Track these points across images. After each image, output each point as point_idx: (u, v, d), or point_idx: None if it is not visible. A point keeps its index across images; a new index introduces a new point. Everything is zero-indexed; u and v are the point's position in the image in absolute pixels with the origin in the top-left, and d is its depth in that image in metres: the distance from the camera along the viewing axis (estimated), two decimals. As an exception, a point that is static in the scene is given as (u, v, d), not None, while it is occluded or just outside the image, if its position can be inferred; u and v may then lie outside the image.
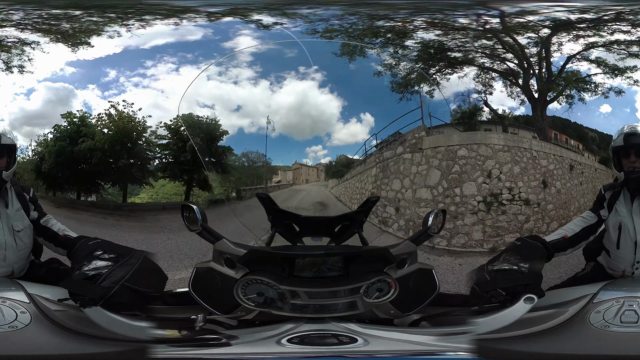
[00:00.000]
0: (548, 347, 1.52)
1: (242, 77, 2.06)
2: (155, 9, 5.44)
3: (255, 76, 2.05)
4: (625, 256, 2.08)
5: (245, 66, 2.02)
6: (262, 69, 2.05)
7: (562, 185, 4.78)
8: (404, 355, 1.52)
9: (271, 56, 2.04)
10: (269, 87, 2.08)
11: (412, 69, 1.99)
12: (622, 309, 1.56)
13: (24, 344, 1.49)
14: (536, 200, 4.48)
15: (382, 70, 2.01)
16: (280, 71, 2.04)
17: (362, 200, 2.07)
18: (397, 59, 2.00)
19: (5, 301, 1.57)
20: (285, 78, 2.06)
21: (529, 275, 1.63)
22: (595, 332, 1.54)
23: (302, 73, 2.00)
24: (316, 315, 1.62)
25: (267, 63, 2.03)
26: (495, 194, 4.31)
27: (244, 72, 2.05)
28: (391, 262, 1.72)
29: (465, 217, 4.25)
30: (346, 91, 2.09)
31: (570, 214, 4.70)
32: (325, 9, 4.63)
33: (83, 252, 1.76)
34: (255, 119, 2.14)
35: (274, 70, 2.04)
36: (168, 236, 4.22)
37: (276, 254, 1.76)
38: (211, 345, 1.50)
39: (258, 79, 2.06)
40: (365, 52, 2.07)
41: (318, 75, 2.02)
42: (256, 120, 2.13)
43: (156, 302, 1.81)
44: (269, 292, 1.61)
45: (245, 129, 2.13)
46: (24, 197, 2.16)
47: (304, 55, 1.90)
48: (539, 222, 4.47)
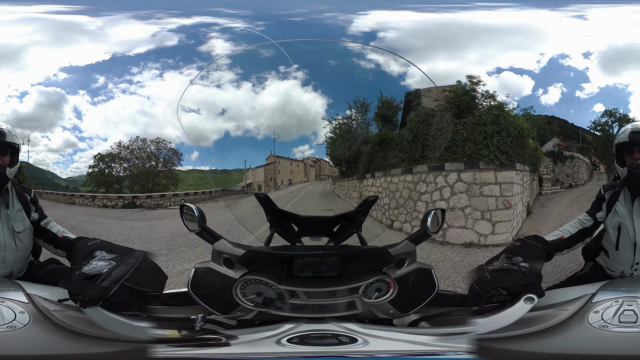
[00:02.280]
0: (547, 347, 1.52)
1: (226, 81, 2.07)
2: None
3: (238, 79, 2.05)
4: (624, 257, 2.09)
5: (226, 69, 2.03)
6: (244, 72, 2.05)
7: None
8: (404, 355, 1.52)
9: (250, 59, 2.03)
10: (252, 89, 2.07)
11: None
12: (620, 309, 1.57)
13: (23, 344, 1.49)
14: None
15: (364, 64, 1.99)
16: (262, 72, 2.04)
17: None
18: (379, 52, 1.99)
19: (4, 301, 1.57)
20: (266, 79, 2.06)
21: (529, 275, 1.63)
22: (594, 332, 1.54)
23: (283, 73, 2.01)
24: (315, 315, 1.62)
25: (249, 66, 2.02)
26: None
27: (229, 76, 2.05)
28: (390, 261, 1.72)
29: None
30: (330, 88, 2.10)
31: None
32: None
33: (83, 252, 1.76)
34: (240, 122, 2.14)
35: (255, 72, 2.04)
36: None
37: (275, 254, 1.76)
38: (211, 345, 1.50)
39: (241, 82, 2.06)
40: (345, 48, 2.06)
41: (300, 74, 2.02)
42: (241, 123, 2.13)
43: (156, 302, 1.81)
44: (268, 292, 1.62)
45: (232, 133, 2.13)
46: (24, 198, 2.16)
47: (282, 56, 1.90)
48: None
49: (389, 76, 2.01)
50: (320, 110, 2.09)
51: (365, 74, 2.01)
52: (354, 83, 2.06)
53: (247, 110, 2.12)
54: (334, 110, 2.10)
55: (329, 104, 2.09)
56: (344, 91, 2.09)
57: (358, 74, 2.02)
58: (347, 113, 2.15)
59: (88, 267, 1.61)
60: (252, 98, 2.07)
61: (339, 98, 2.11)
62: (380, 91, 2.11)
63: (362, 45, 2.04)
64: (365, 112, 2.13)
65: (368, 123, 2.23)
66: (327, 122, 2.12)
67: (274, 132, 2.10)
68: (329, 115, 2.10)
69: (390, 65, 2.00)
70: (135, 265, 1.66)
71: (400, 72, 2.01)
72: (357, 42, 3.57)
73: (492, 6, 6.54)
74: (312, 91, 2.06)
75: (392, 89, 2.13)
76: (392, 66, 2.00)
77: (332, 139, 2.23)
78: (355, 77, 2.04)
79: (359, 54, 2.00)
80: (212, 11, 6.52)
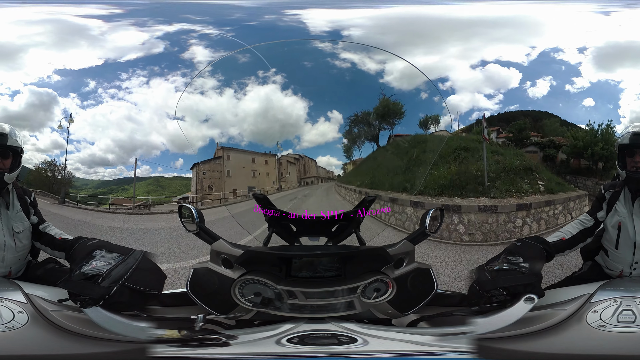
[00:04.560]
0: (546, 346, 1.53)
1: (209, 88, 2.05)
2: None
3: (220, 86, 2.03)
4: (623, 256, 2.09)
5: (209, 76, 2.02)
6: (225, 78, 2.02)
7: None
8: (403, 355, 1.52)
9: (229, 65, 2.01)
10: (234, 95, 2.05)
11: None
12: (619, 309, 1.57)
13: (22, 344, 1.49)
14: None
15: (342, 64, 1.97)
16: (242, 78, 2.01)
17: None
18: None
19: (3, 301, 1.57)
20: (246, 84, 2.04)
21: (530, 275, 1.63)
22: (592, 332, 1.54)
23: (262, 78, 1.98)
24: (315, 315, 1.62)
25: (230, 72, 2.00)
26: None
27: (212, 83, 2.04)
28: (388, 261, 1.72)
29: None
30: (310, 91, 2.07)
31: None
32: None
33: (82, 252, 1.76)
34: (224, 129, 2.10)
35: (235, 78, 2.01)
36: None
37: (273, 254, 1.76)
38: (211, 345, 1.50)
39: (223, 89, 2.04)
40: (321, 48, 2.03)
41: (278, 77, 2.00)
42: (225, 130, 2.09)
43: (156, 302, 1.81)
44: (266, 292, 1.62)
45: (216, 139, 2.10)
46: (24, 200, 2.15)
47: (259, 61, 1.88)
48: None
49: (367, 74, 1.99)
50: (302, 113, 2.07)
51: (342, 73, 1.99)
52: (332, 82, 2.03)
53: (230, 117, 2.09)
54: (315, 113, 2.07)
55: (310, 106, 2.07)
56: (323, 91, 2.07)
57: (335, 73, 1.99)
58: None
59: (87, 267, 1.61)
60: (234, 104, 2.04)
61: (319, 99, 2.08)
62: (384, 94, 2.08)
63: (342, 43, 2.01)
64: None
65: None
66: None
67: (277, 142, 2.08)
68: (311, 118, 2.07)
69: (367, 63, 1.98)
70: (134, 265, 1.66)
71: (378, 69, 1.99)
72: (344, 40, 3.54)
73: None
74: (293, 94, 2.04)
75: (370, 86, 2.10)
76: (368, 64, 1.98)
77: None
78: (334, 76, 2.01)
79: (332, 53, 1.97)
80: (185, 18, 6.61)
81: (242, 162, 2.23)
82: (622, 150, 2.09)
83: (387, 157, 2.48)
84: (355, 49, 1.97)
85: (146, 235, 6.33)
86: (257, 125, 2.12)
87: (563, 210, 6.23)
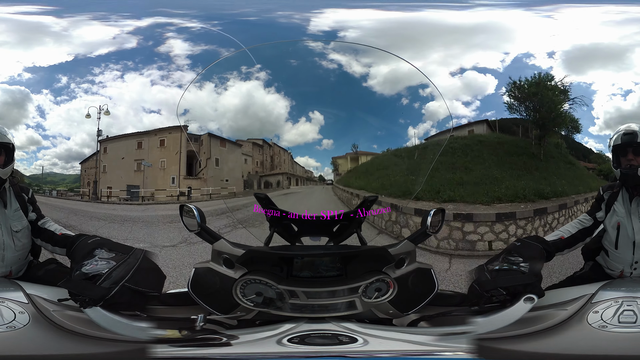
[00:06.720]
0: (546, 347, 1.53)
1: (188, 81, 2.02)
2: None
3: (200, 79, 2.00)
4: (623, 256, 2.10)
5: (187, 69, 1.99)
6: (206, 72, 1.98)
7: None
8: (404, 355, 1.52)
9: (212, 59, 1.97)
10: (215, 90, 2.01)
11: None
12: (620, 309, 1.57)
13: (23, 344, 1.49)
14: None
15: (328, 65, 1.94)
16: (224, 73, 1.97)
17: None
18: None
19: (4, 301, 1.57)
20: (228, 79, 2.00)
21: (529, 275, 1.63)
22: (593, 332, 1.54)
23: (245, 73, 1.94)
24: (315, 315, 1.62)
25: (212, 66, 1.96)
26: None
27: (190, 76, 2.01)
28: (390, 261, 1.72)
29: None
30: (293, 90, 2.02)
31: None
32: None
33: (83, 250, 1.75)
34: (203, 123, 2.07)
35: (217, 73, 1.97)
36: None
37: (274, 254, 1.76)
38: (212, 345, 1.50)
39: (203, 82, 2.00)
40: (308, 48, 2.00)
41: (262, 74, 1.96)
42: (204, 124, 2.07)
43: (156, 302, 1.81)
44: (268, 292, 1.62)
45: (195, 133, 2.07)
46: (22, 198, 2.16)
47: (247, 57, 1.85)
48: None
49: (351, 76, 1.97)
50: (283, 112, 2.03)
51: (327, 74, 1.97)
52: (317, 82, 2.00)
53: (209, 111, 2.06)
54: (296, 113, 2.03)
55: (292, 105, 2.03)
56: (306, 91, 2.04)
57: (323, 75, 1.97)
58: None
59: (88, 267, 1.61)
60: (214, 99, 2.01)
61: (301, 99, 2.03)
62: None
63: (335, 43, 1.99)
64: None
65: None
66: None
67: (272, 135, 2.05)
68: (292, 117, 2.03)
69: (353, 65, 1.95)
70: (135, 265, 1.66)
71: (363, 72, 1.96)
72: (346, 41, 3.51)
73: (465, 6, 6.52)
74: (275, 92, 2.00)
75: (354, 89, 2.06)
76: (354, 67, 1.96)
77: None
78: (320, 78, 1.99)
79: (321, 53, 1.95)
80: (161, 11, 6.62)
81: (122, 152, 2.21)
82: (615, 151, 2.13)
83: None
84: (344, 51, 1.94)
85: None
86: (237, 121, 2.10)
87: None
